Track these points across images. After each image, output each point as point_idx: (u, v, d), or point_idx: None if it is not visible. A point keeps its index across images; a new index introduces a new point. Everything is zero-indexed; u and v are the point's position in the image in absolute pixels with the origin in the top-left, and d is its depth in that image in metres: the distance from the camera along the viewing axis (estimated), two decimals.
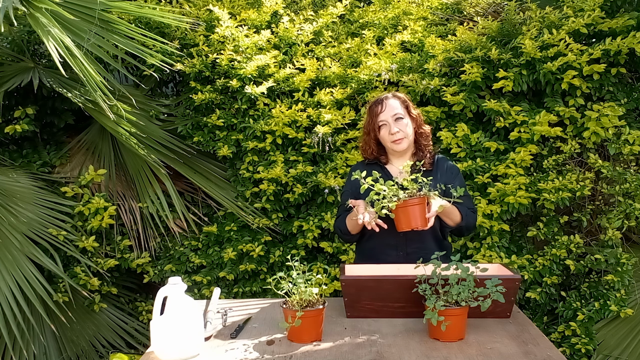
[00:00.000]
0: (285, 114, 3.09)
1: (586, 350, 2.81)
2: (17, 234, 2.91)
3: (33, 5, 2.62)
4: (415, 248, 2.12)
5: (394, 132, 2.12)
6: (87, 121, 3.42)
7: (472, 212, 2.18)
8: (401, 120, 2.14)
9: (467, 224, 2.14)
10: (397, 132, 2.12)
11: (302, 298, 1.65)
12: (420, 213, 1.87)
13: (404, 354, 1.56)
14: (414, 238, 2.09)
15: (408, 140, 2.15)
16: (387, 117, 2.13)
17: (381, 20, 3.57)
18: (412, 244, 2.13)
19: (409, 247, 2.13)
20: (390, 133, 2.13)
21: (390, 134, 2.13)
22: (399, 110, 2.14)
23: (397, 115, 2.13)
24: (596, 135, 2.77)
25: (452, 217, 2.08)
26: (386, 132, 2.14)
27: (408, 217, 1.87)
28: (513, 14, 3.01)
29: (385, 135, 2.15)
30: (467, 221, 2.13)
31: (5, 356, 2.85)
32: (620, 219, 2.80)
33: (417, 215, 1.87)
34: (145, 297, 3.49)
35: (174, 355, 1.56)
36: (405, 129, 2.14)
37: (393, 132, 2.12)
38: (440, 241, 2.19)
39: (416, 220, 1.87)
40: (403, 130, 2.13)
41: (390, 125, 2.13)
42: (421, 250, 2.10)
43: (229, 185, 3.35)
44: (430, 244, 2.14)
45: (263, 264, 3.20)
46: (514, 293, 1.80)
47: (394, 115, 2.13)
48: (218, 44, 3.31)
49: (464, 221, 2.11)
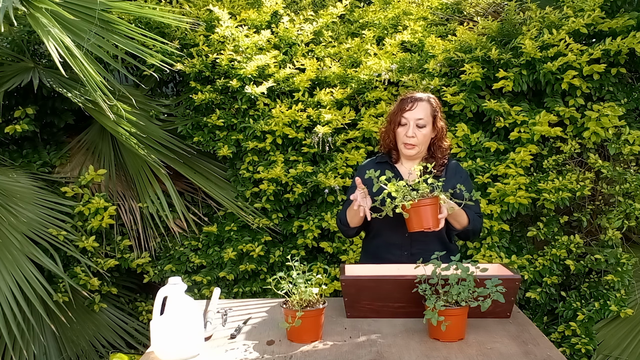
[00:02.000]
0: (285, 114, 3.09)
1: (586, 350, 2.81)
2: (17, 234, 2.91)
3: (33, 5, 2.62)
4: (419, 249, 2.11)
5: (410, 135, 2.10)
6: (87, 121, 3.42)
7: (478, 217, 2.18)
8: (422, 129, 2.12)
9: (474, 228, 2.14)
10: (412, 137, 2.11)
11: (302, 298, 1.65)
12: (432, 214, 1.87)
13: (404, 354, 1.56)
14: (419, 239, 2.09)
15: (418, 149, 2.14)
16: (411, 118, 2.11)
17: (381, 20, 3.58)
18: (417, 245, 2.13)
19: (413, 248, 2.13)
20: (406, 135, 2.11)
21: (405, 136, 2.12)
22: (425, 117, 2.12)
23: (421, 122, 2.11)
24: (596, 135, 2.77)
25: (459, 220, 2.08)
26: (403, 132, 2.13)
27: (420, 218, 1.87)
28: (513, 14, 3.01)
29: (400, 134, 2.14)
30: (474, 225, 2.13)
31: (5, 356, 2.85)
32: (620, 219, 2.80)
33: (429, 216, 1.87)
34: (145, 297, 3.49)
35: (174, 355, 1.56)
36: (421, 138, 2.12)
37: (409, 135, 2.10)
38: (445, 244, 2.18)
39: (428, 221, 1.87)
40: (419, 138, 2.12)
41: (409, 128, 2.11)
42: (425, 251, 2.07)
43: (229, 185, 3.35)
44: (435, 245, 2.13)
45: (263, 264, 3.20)
46: (514, 293, 1.80)
47: (418, 120, 2.11)
48: (218, 44, 3.31)
49: (470, 225, 2.12)
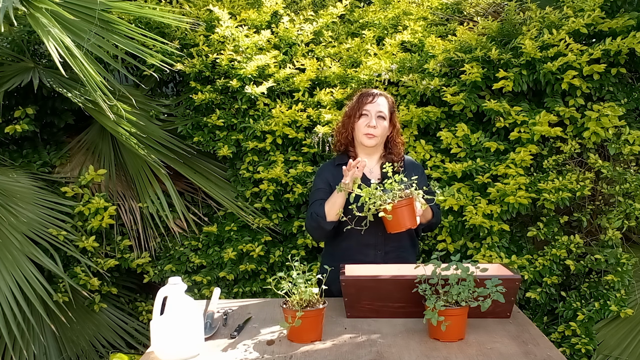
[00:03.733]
0: (285, 114, 3.09)
1: (586, 351, 2.81)
2: (17, 234, 2.91)
3: (33, 5, 2.62)
4: (392, 247, 2.19)
5: (372, 125, 2.16)
6: (87, 121, 3.42)
7: (437, 208, 2.31)
8: (382, 120, 2.19)
9: (437, 219, 2.28)
10: (374, 127, 2.16)
11: (302, 298, 1.65)
12: (409, 213, 1.92)
13: (404, 354, 1.56)
14: (392, 237, 2.13)
15: (377, 140, 2.20)
16: (372, 110, 2.17)
17: (381, 20, 3.58)
18: (390, 243, 2.19)
19: (386, 246, 2.19)
20: (367, 125, 2.17)
21: (366, 126, 2.17)
22: (385, 111, 2.20)
23: (381, 114, 2.19)
24: (596, 135, 2.77)
25: (426, 215, 2.17)
26: (364, 123, 2.18)
27: (398, 219, 1.91)
28: (513, 14, 3.01)
29: (361, 125, 2.19)
30: (437, 217, 2.28)
31: (5, 356, 2.85)
32: (620, 219, 2.80)
33: (406, 216, 1.91)
34: (145, 297, 3.49)
35: (174, 355, 1.56)
36: (381, 129, 2.19)
37: (371, 125, 2.16)
38: (414, 239, 2.28)
39: (405, 221, 1.92)
40: (379, 130, 2.18)
41: (371, 118, 2.17)
42: (398, 249, 2.19)
43: (229, 185, 3.35)
44: (406, 242, 2.22)
45: (263, 264, 3.20)
46: (514, 293, 1.80)
47: (378, 112, 2.18)
48: (218, 44, 3.31)
49: (434, 217, 2.23)
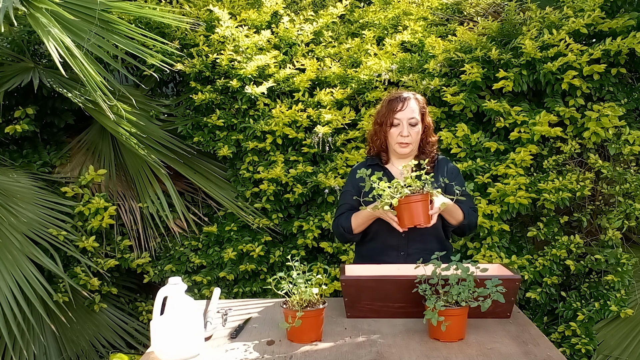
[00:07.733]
0: (285, 114, 3.09)
1: (586, 351, 2.81)
2: (17, 234, 2.90)
3: (33, 5, 2.62)
4: (416, 249, 2.10)
5: (405, 135, 2.10)
6: (87, 121, 3.42)
7: (473, 211, 2.18)
8: (414, 127, 2.11)
9: (470, 222, 2.13)
10: (407, 136, 2.10)
11: (302, 298, 1.65)
12: (423, 209, 1.87)
13: (404, 354, 1.56)
14: (416, 238, 2.08)
15: (412, 147, 2.14)
16: (403, 118, 2.10)
17: (381, 20, 3.57)
18: (414, 245, 2.11)
19: (410, 248, 2.12)
20: (400, 134, 2.10)
21: (400, 135, 2.10)
22: (416, 115, 2.11)
23: (413, 120, 2.11)
24: (596, 136, 2.77)
25: (455, 215, 2.07)
26: (396, 132, 2.11)
27: (411, 214, 1.87)
28: (513, 14, 3.01)
29: (394, 135, 2.12)
30: (470, 220, 2.13)
31: (5, 356, 2.85)
32: (620, 219, 2.80)
33: (420, 212, 1.87)
34: (145, 297, 3.49)
35: (174, 355, 1.56)
36: (415, 135, 2.12)
37: (404, 134, 2.10)
38: (443, 242, 2.18)
39: (419, 217, 1.87)
40: (413, 136, 2.11)
41: (404, 128, 2.10)
42: (423, 251, 2.07)
43: (229, 185, 3.34)
44: (432, 244, 2.12)
45: (263, 264, 3.20)
46: (514, 293, 1.80)
47: (410, 119, 2.10)
48: (218, 44, 3.31)
49: (466, 219, 2.11)
